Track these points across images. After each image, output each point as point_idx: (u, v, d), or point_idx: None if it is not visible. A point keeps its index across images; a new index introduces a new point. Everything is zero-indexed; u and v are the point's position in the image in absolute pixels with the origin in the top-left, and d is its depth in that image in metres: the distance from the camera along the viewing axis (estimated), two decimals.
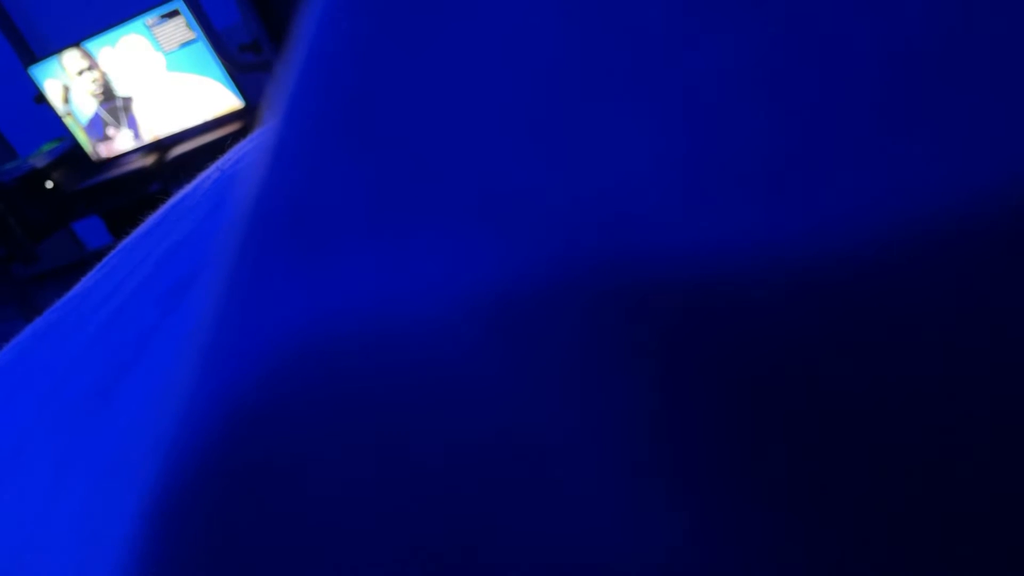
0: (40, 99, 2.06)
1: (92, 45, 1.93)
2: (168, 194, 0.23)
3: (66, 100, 2.03)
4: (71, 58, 1.96)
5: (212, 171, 0.22)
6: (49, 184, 2.13)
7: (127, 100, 2.00)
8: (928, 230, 0.08)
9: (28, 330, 0.21)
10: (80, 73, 1.98)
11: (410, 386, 0.09)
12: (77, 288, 0.21)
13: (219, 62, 1.85)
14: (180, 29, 1.84)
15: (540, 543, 0.08)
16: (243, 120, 1.93)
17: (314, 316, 0.10)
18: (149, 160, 2.03)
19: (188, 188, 0.22)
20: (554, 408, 0.08)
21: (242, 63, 1.87)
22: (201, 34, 1.83)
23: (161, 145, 2.05)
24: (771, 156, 0.08)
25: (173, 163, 1.99)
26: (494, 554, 0.08)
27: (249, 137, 0.23)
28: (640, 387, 0.08)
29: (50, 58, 1.97)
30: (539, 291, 0.09)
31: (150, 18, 1.84)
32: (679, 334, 0.08)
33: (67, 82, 2.00)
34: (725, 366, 0.08)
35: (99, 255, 0.22)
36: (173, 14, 1.83)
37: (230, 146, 0.24)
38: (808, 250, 0.08)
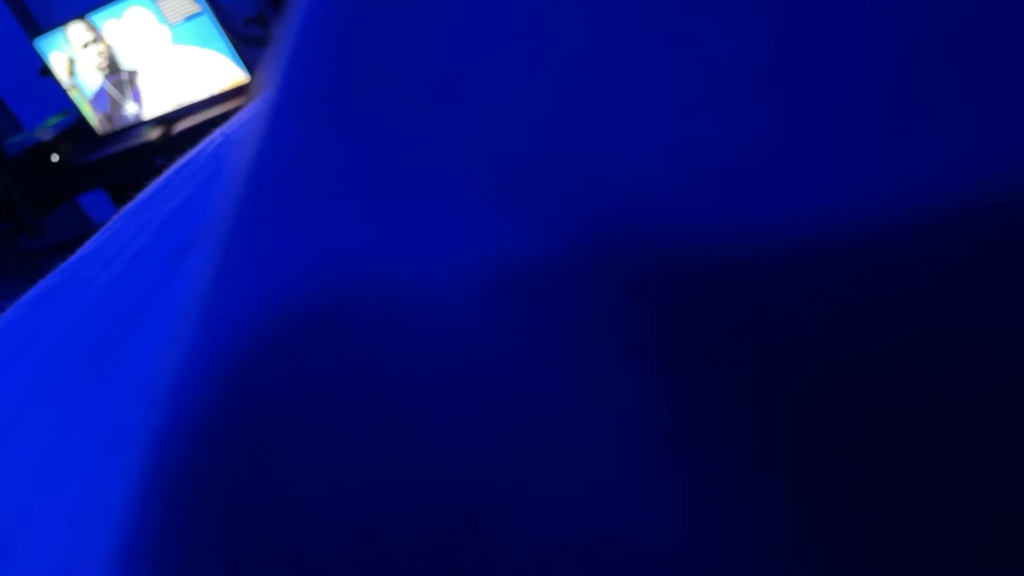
0: (45, 72, 2.05)
1: (97, 18, 1.92)
2: None
3: (71, 73, 2.02)
4: (76, 31, 1.95)
5: (216, 136, 0.22)
6: (55, 158, 2.13)
7: (132, 73, 1.99)
8: (935, 216, 0.07)
9: (32, 291, 0.21)
10: (85, 46, 1.97)
11: (412, 353, 0.09)
12: (81, 251, 0.21)
13: (224, 35, 1.84)
14: (185, 2, 1.82)
15: (548, 520, 0.08)
16: (248, 94, 1.92)
17: (311, 279, 0.09)
18: (155, 134, 2.02)
19: (192, 153, 0.22)
20: (563, 382, 0.08)
21: (247, 36, 1.86)
22: (206, 7, 1.81)
23: (167, 119, 2.04)
24: (782, 136, 0.08)
25: (179, 137, 1.98)
26: (502, 533, 0.08)
27: (253, 103, 0.23)
28: (651, 361, 0.08)
29: (55, 31, 1.96)
30: (547, 264, 0.09)
31: None
32: (691, 308, 0.08)
33: (72, 55, 1.99)
34: (737, 342, 0.08)
35: None
36: None
37: None
38: (821, 228, 0.08)
